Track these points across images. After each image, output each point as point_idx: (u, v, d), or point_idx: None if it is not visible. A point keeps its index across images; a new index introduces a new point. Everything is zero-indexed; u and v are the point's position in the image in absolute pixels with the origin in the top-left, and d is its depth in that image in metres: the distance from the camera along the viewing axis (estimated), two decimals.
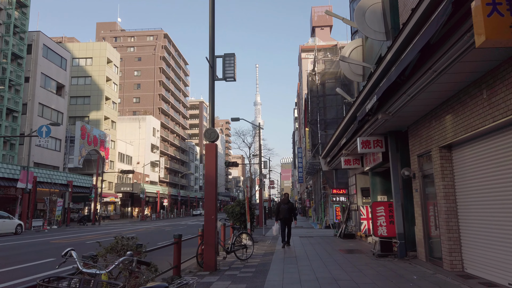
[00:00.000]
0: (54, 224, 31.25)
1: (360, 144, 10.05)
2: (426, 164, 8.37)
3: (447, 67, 5.35)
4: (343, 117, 13.36)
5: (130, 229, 25.66)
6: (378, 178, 13.16)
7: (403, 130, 9.61)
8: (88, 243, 15.56)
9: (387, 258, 9.23)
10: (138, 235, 17.86)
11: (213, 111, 8.49)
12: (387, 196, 12.92)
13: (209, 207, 8.04)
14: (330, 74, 27.94)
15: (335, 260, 9.14)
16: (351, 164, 13.88)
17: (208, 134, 8.26)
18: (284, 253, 10.84)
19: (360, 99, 9.03)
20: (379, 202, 10.11)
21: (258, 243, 13.95)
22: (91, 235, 20.09)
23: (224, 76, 8.64)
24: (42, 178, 31.28)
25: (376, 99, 7.35)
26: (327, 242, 14.09)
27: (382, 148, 10.04)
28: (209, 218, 7.97)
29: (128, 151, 56.31)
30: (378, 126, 9.03)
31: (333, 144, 14.63)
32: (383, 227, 9.62)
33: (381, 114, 8.04)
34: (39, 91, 36.81)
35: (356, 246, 12.37)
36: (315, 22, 69.90)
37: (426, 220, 8.40)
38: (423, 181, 8.55)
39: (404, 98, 6.92)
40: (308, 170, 31.80)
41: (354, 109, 9.70)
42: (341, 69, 13.49)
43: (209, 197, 8.08)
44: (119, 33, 76.61)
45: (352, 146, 11.99)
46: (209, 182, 8.13)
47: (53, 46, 39.61)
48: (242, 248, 9.10)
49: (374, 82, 7.75)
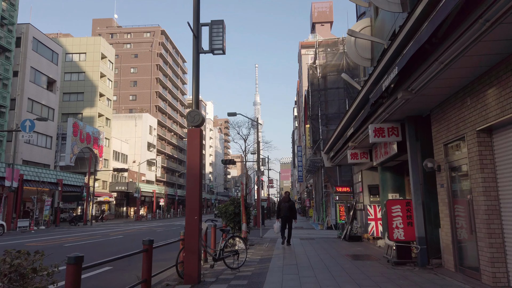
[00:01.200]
0: (42, 225, 29.76)
1: (373, 132, 8.59)
2: (456, 153, 6.92)
3: (506, 13, 3.90)
4: (346, 110, 11.91)
5: (120, 230, 24.19)
6: (389, 174, 11.71)
7: (424, 115, 8.15)
8: (66, 246, 14.10)
9: (406, 267, 7.77)
10: (125, 236, 16.15)
11: (198, 90, 7.02)
12: (399, 194, 11.48)
13: (192, 205, 6.58)
14: (332, 67, 26.46)
15: (344, 269, 7.68)
16: (358, 158, 12.42)
17: (191, 117, 6.80)
18: (283, 259, 9.38)
19: (373, 78, 7.57)
20: (394, 200, 8.63)
21: (254, 246, 12.49)
22: (75, 237, 18.63)
23: (210, 48, 7.18)
24: (30, 176, 29.76)
25: (398, 71, 5.88)
26: (331, 245, 12.63)
27: (398, 137, 8.58)
28: (191, 219, 6.51)
29: (124, 149, 54.79)
30: (395, 109, 7.58)
31: (338, 136, 13.15)
32: (399, 229, 8.16)
33: (402, 92, 6.58)
34: (29, 85, 35.30)
35: (365, 251, 10.91)
36: (315, 18, 68.45)
37: (455, 221, 6.94)
38: (451, 174, 7.10)
39: (434, 67, 5.46)
40: (309, 168, 30.33)
41: (366, 90, 8.24)
42: (347, 53, 12.07)
43: (192, 193, 6.62)
44: (116, 29, 75.10)
45: (361, 136, 10.53)
46: (192, 175, 6.67)
47: (44, 40, 38.10)
48: (233, 255, 7.63)
49: (394, 52, 6.30)
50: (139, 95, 69.50)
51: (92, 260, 9.78)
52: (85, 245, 14.41)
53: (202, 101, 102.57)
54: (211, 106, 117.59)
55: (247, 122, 34.99)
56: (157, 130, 65.71)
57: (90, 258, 10.17)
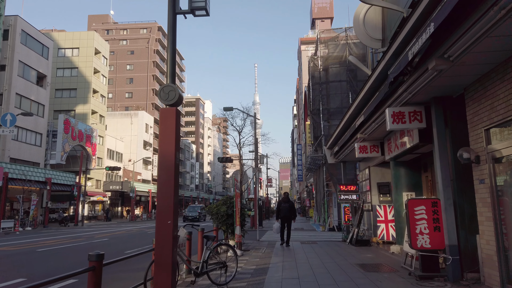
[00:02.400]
0: (29, 226, 28.24)
1: (391, 117, 7.09)
2: (501, 140, 5.45)
3: None
4: (355, 97, 10.41)
5: (108, 232, 22.68)
6: (403, 170, 10.23)
7: (455, 95, 6.67)
8: (39, 251, 12.59)
9: (435, 283, 6.28)
10: (110, 239, 14.46)
11: (174, 60, 5.52)
12: (416, 192, 10.01)
13: (164, 206, 5.07)
14: (334, 59, 24.98)
15: (358, 286, 6.21)
16: (367, 152, 10.94)
17: (165, 93, 5.29)
18: (283, 269, 7.90)
19: (394, 47, 6.10)
20: (418, 200, 7.12)
21: (250, 252, 11.00)
22: (57, 240, 17.11)
23: (190, 7, 5.68)
24: (16, 174, 28.21)
25: (434, 28, 4.41)
26: (337, 251, 11.15)
27: (422, 123, 7.09)
28: (163, 223, 5.02)
29: (118, 147, 53.24)
30: (421, 87, 6.09)
31: (344, 127, 11.67)
32: (424, 235, 6.68)
33: (435, 61, 5.09)
34: (17, 80, 33.77)
35: (377, 258, 9.43)
36: (315, 14, 66.94)
37: (501, 226, 5.46)
38: (495, 167, 5.62)
39: (489, 18, 3.99)
40: (309, 166, 28.84)
41: (383, 65, 6.76)
42: (354, 32, 10.58)
43: (164, 190, 5.11)
44: (111, 25, 73.54)
45: (373, 126, 9.05)
46: (165, 167, 5.16)
47: (33, 33, 36.53)
48: (220, 267, 6.13)
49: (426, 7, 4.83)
50: (135, 93, 67.98)
51: (55, 269, 8.37)
52: (61, 250, 12.90)
53: (201, 100, 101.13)
54: (209, 105, 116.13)
55: (242, 113, 33.35)
56: (154, 128, 64.22)
57: (54, 268, 8.73)
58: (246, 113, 27.75)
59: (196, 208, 40.07)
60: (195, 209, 39.83)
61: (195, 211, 38.50)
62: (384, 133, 10.10)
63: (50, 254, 11.77)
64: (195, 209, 39.50)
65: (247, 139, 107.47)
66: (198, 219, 36.84)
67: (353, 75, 24.07)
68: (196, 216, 37.11)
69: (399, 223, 10.13)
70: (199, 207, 40.73)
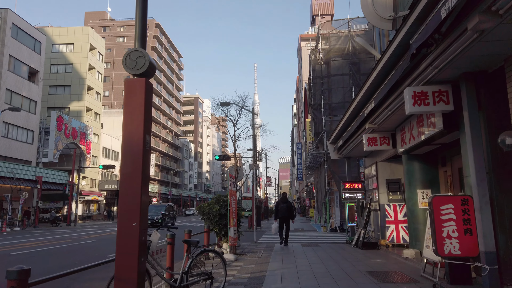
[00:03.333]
0: (17, 226, 27.08)
1: (411, 99, 5.93)
2: None
3: None
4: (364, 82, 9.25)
5: (98, 233, 21.53)
6: (418, 164, 9.09)
7: (490, 70, 5.52)
8: (14, 254, 11.43)
9: None
10: (97, 241, 12.91)
11: (145, 13, 4.37)
12: (432, 190, 8.86)
13: (128, 203, 3.92)
14: (336, 51, 23.82)
15: None
16: (377, 145, 9.79)
17: (131, 60, 4.13)
18: (282, 279, 6.75)
19: (419, 9, 4.94)
20: (444, 197, 5.93)
21: (245, 256, 9.85)
22: (40, 241, 15.96)
23: None
24: (3, 172, 27.07)
25: None
26: (342, 255, 10.00)
27: (449, 105, 5.93)
28: (126, 226, 3.87)
29: (114, 146, 52.04)
30: (452, 57, 4.93)
31: (350, 118, 10.50)
32: (452, 239, 5.53)
33: (479, 16, 3.94)
34: (7, 75, 32.61)
35: (389, 265, 8.27)
36: (315, 10, 65.72)
37: None
38: None
39: None
40: (310, 164, 27.68)
41: (404, 35, 5.60)
42: (363, 14, 9.46)
43: (129, 183, 3.96)
44: (108, 22, 72.35)
45: (385, 112, 7.89)
46: (130, 153, 4.01)
47: (25, 27, 35.36)
48: (205, 279, 4.98)
49: None
50: None
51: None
52: (39, 253, 11.73)
53: (199, 98, 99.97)
54: (208, 103, 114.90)
55: (237, 102, 32.05)
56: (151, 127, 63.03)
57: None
58: (244, 108, 26.59)
59: (159, 209, 28.92)
60: (158, 209, 28.67)
61: (157, 213, 27.70)
62: (397, 122, 8.95)
63: (24, 258, 10.60)
64: (158, 209, 28.54)
65: (243, 132, 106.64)
66: (160, 223, 26.36)
67: (356, 68, 22.95)
68: (157, 219, 27.01)
69: (413, 224, 8.99)
70: (163, 207, 29.49)
